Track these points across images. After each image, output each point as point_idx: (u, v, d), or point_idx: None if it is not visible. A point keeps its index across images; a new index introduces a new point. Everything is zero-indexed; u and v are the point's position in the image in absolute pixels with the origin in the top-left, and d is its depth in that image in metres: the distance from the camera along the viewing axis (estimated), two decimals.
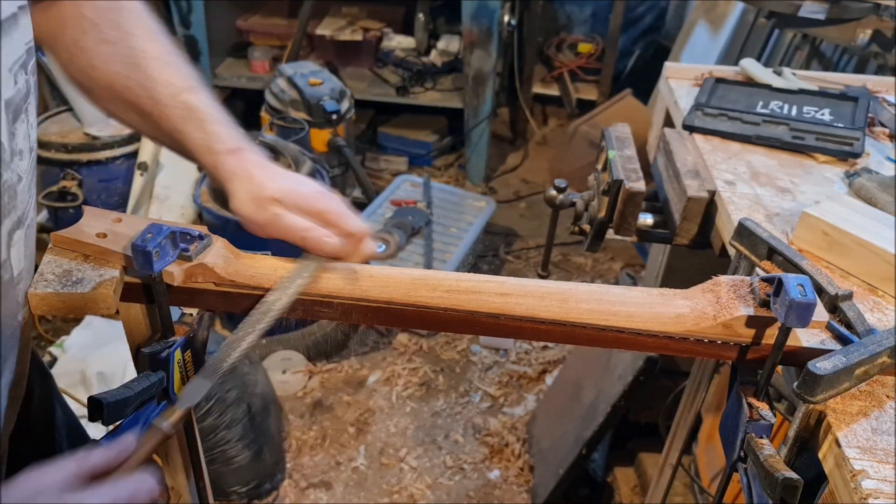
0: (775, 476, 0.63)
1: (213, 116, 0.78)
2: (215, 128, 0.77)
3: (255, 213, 0.74)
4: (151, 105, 0.78)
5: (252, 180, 0.75)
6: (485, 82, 3.18)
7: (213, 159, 0.77)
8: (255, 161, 0.77)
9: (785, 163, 1.19)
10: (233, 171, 0.76)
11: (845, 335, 0.72)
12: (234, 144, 0.77)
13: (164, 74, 0.78)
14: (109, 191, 2.51)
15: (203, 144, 0.77)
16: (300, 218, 0.73)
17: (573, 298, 0.71)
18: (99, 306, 0.67)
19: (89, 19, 0.77)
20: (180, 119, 0.78)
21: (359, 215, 0.75)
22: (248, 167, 0.76)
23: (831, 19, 2.11)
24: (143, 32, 0.80)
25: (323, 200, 0.74)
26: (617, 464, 2.03)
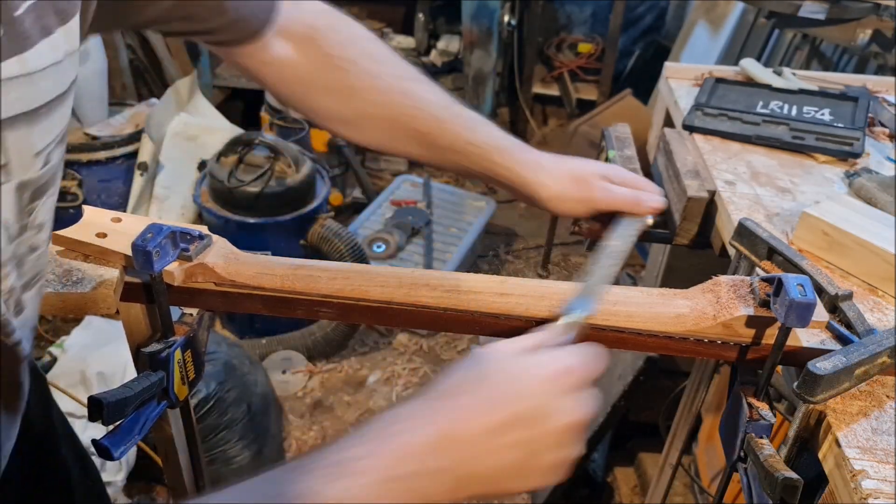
0: (775, 476, 0.62)
1: (484, 123, 0.84)
2: (492, 132, 0.84)
3: (580, 190, 0.84)
4: (432, 124, 0.82)
5: (560, 166, 0.84)
6: (485, 82, 3.18)
7: (502, 158, 0.83)
8: (539, 152, 0.85)
9: (785, 163, 1.19)
10: (536, 162, 0.84)
11: (845, 335, 0.72)
12: (513, 142, 0.84)
13: (423, 95, 0.82)
14: (109, 191, 2.51)
15: (485, 147, 0.82)
16: (622, 188, 0.85)
17: None
18: (99, 306, 0.67)
19: (346, 59, 0.80)
20: (465, 130, 0.82)
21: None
22: (541, 158, 0.84)
23: (831, 19, 2.11)
24: (390, 59, 0.84)
25: (622, 172, 0.89)
26: (617, 464, 2.03)
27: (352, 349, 2.52)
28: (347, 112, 0.82)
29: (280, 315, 0.73)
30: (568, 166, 0.85)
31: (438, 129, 0.81)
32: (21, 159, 0.49)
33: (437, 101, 0.82)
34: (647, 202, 0.87)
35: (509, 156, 0.84)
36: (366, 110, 0.81)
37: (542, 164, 0.84)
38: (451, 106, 0.83)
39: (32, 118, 0.48)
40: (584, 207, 0.86)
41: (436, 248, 2.68)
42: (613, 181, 0.86)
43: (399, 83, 0.82)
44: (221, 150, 2.33)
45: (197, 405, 1.79)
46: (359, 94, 0.81)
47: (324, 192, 2.42)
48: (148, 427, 0.70)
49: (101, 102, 2.54)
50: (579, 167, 0.85)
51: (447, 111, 0.82)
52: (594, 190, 0.85)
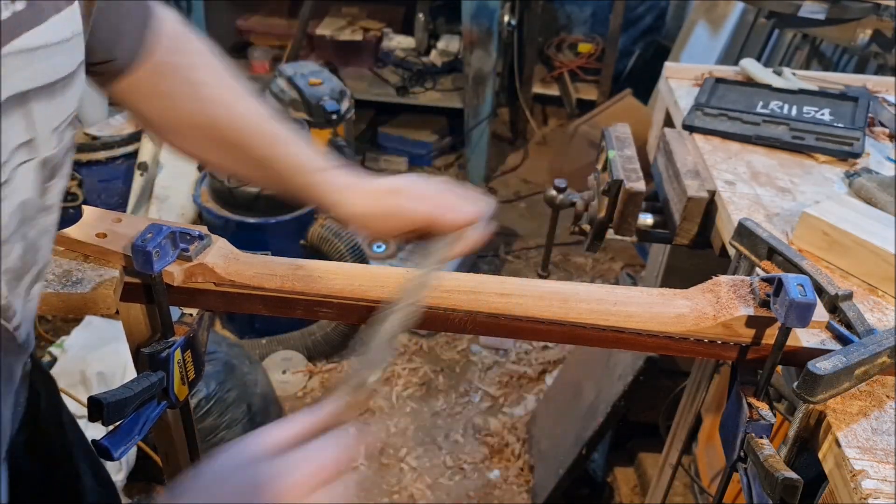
0: (775, 476, 0.63)
1: (301, 141, 0.81)
2: (306, 150, 0.80)
3: (375, 206, 0.78)
4: (237, 136, 0.79)
5: (362, 185, 0.79)
6: (485, 82, 3.18)
7: (313, 177, 0.79)
8: (356, 173, 0.81)
9: (785, 163, 1.19)
10: (338, 182, 0.79)
11: (845, 335, 0.72)
12: (329, 164, 0.80)
13: (244, 106, 0.79)
14: (109, 191, 2.51)
15: (297, 164, 0.79)
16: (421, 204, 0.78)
17: (573, 298, 0.71)
18: (99, 306, 0.67)
19: (167, 63, 0.77)
20: (268, 146, 0.79)
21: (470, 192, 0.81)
22: (352, 178, 0.79)
23: (831, 19, 2.11)
24: (214, 70, 0.81)
25: (433, 185, 0.80)
26: (617, 464, 2.03)
27: (352, 349, 2.52)
28: (170, 118, 0.80)
29: (280, 315, 0.73)
30: (368, 184, 0.80)
31: (252, 142, 0.79)
32: (44, 135, 0.51)
33: (256, 115, 0.80)
34: (444, 213, 0.76)
35: (316, 176, 0.80)
36: (184, 118, 0.79)
37: (347, 184, 0.80)
38: (272, 122, 0.80)
39: (51, 92, 0.50)
40: (387, 226, 0.79)
41: None
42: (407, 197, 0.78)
43: (221, 93, 0.80)
44: None
45: (197, 405, 1.79)
46: (179, 101, 0.79)
47: None
48: (148, 427, 0.70)
49: (101, 102, 2.54)
50: (378, 183, 0.80)
51: (265, 126, 0.80)
52: (387, 205, 0.78)
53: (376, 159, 3.53)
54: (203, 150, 0.81)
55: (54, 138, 0.52)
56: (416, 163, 3.57)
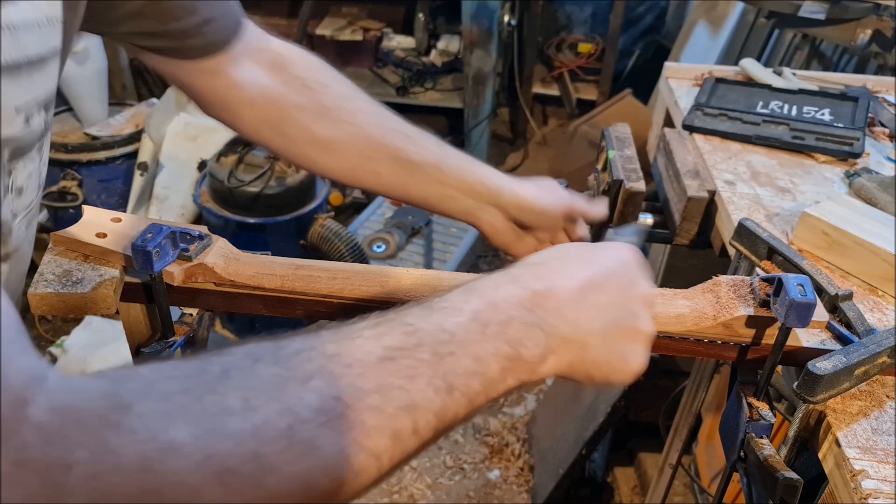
0: (775, 476, 0.63)
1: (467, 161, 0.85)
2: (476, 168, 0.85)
3: (539, 188, 0.89)
4: (408, 142, 0.82)
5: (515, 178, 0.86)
6: (485, 82, 3.18)
7: (486, 173, 0.85)
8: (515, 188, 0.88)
9: (785, 163, 1.19)
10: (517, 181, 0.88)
11: (845, 335, 0.72)
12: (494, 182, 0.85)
13: (400, 119, 0.83)
14: (109, 191, 2.51)
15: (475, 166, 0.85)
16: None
17: None
18: (99, 306, 0.67)
19: (318, 81, 0.80)
20: (437, 147, 0.83)
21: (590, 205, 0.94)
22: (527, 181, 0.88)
23: (831, 19, 2.11)
24: (357, 88, 0.83)
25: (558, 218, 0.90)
26: (617, 464, 2.04)
27: None
28: (321, 132, 0.80)
29: (280, 315, 0.73)
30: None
31: (413, 146, 0.81)
32: (7, 112, 0.50)
33: (406, 125, 0.83)
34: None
35: (489, 172, 0.86)
36: (340, 129, 0.80)
37: (506, 177, 0.87)
38: (421, 131, 0.84)
39: (14, 72, 0.50)
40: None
41: (436, 248, 2.68)
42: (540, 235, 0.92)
43: (370, 106, 0.82)
44: (221, 150, 2.33)
45: None
46: (332, 113, 0.80)
47: (324, 192, 2.42)
48: None
49: (101, 102, 2.54)
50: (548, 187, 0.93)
51: (418, 133, 0.83)
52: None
53: None
54: (362, 162, 0.82)
55: (19, 118, 0.52)
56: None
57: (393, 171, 0.82)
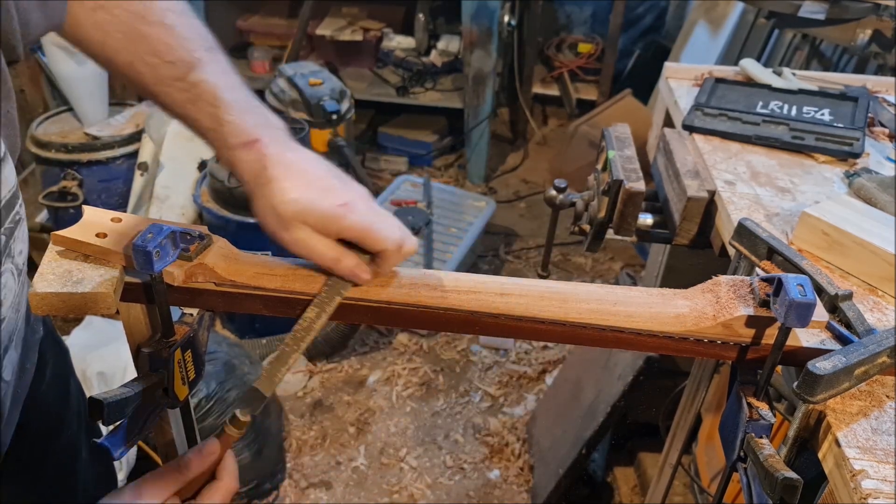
0: (775, 476, 0.62)
1: (222, 99, 0.67)
2: (225, 115, 0.67)
3: (278, 230, 0.66)
4: (153, 83, 0.69)
5: (271, 187, 0.65)
6: (485, 82, 3.18)
7: (227, 155, 0.68)
8: (274, 157, 0.66)
9: (785, 163, 1.19)
10: (249, 172, 0.66)
11: (845, 335, 0.72)
12: (247, 136, 0.66)
13: (164, 46, 0.68)
14: (109, 191, 2.51)
15: (214, 137, 0.68)
16: (328, 245, 0.65)
17: (573, 298, 0.71)
18: (99, 306, 0.67)
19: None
20: (189, 104, 0.68)
21: (388, 216, 0.67)
22: (264, 169, 0.65)
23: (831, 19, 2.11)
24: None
25: (347, 218, 0.64)
26: (617, 464, 2.04)
27: (352, 349, 2.52)
28: (73, 38, 0.71)
29: (280, 315, 0.73)
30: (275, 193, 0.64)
31: (165, 97, 0.69)
32: None
33: (173, 62, 0.68)
34: (344, 271, 0.66)
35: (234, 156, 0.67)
36: (84, 41, 0.70)
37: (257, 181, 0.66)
38: (189, 72, 0.67)
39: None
40: (291, 251, 0.68)
41: (436, 248, 2.68)
42: (322, 230, 0.65)
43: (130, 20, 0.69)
44: None
45: (197, 405, 1.79)
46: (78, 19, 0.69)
47: None
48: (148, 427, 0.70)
49: (101, 102, 2.54)
50: (284, 201, 0.64)
51: (179, 80, 0.68)
52: (287, 236, 0.66)
53: (376, 159, 3.53)
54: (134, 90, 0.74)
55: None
56: (416, 163, 3.57)
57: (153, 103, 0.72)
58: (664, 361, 1.72)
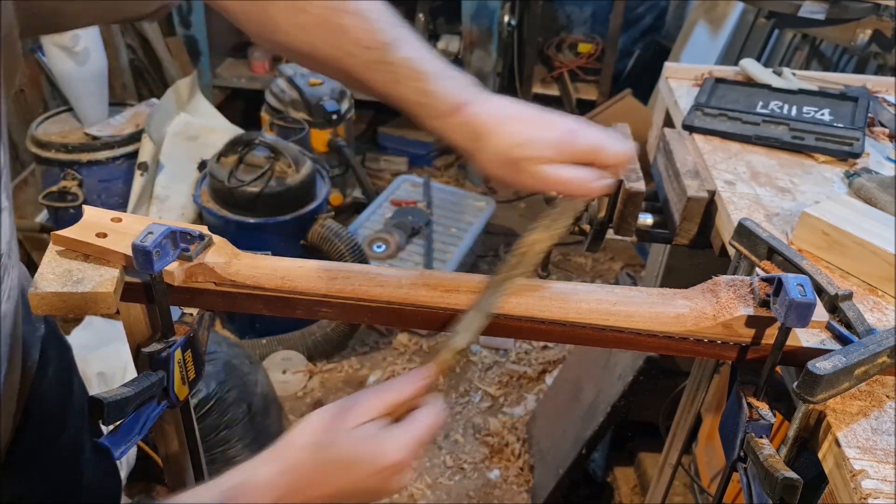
0: (775, 476, 0.63)
1: (423, 72, 0.70)
2: (429, 86, 0.69)
3: (511, 176, 0.70)
4: (359, 71, 0.71)
5: (494, 139, 0.69)
6: (485, 82, 3.18)
7: (437, 124, 0.71)
8: (484, 113, 0.70)
9: (785, 163, 1.19)
10: (463, 133, 0.70)
11: (845, 335, 0.72)
12: (454, 101, 0.70)
13: (362, 33, 0.70)
14: (109, 191, 2.51)
15: (421, 110, 0.71)
16: (560, 169, 0.68)
17: (573, 298, 0.71)
18: (99, 306, 0.67)
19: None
20: (392, 84, 0.71)
21: (610, 131, 0.71)
22: (481, 125, 0.69)
23: (831, 19, 2.11)
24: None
25: (577, 142, 0.68)
26: (617, 464, 2.03)
27: (352, 349, 2.52)
28: (275, 43, 0.74)
29: (280, 315, 0.73)
30: (496, 143, 0.69)
31: (368, 80, 0.71)
32: None
33: (369, 47, 0.70)
34: (581, 189, 0.70)
35: (444, 124, 0.70)
36: (290, 44, 0.73)
37: (475, 137, 0.70)
38: (386, 54, 0.70)
39: None
40: (524, 190, 0.74)
41: (436, 248, 2.68)
42: (541, 161, 0.68)
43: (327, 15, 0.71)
44: (221, 150, 2.33)
45: (197, 405, 1.79)
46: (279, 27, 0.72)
47: (324, 192, 2.42)
48: (148, 427, 0.70)
49: (101, 102, 2.54)
50: (509, 145, 0.69)
51: (378, 63, 0.70)
52: (524, 177, 0.70)
53: (376, 159, 3.53)
54: (328, 74, 0.75)
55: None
56: (416, 163, 3.57)
57: (351, 85, 0.75)
58: (664, 361, 1.72)
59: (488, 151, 0.69)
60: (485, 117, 0.69)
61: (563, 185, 0.69)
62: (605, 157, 0.69)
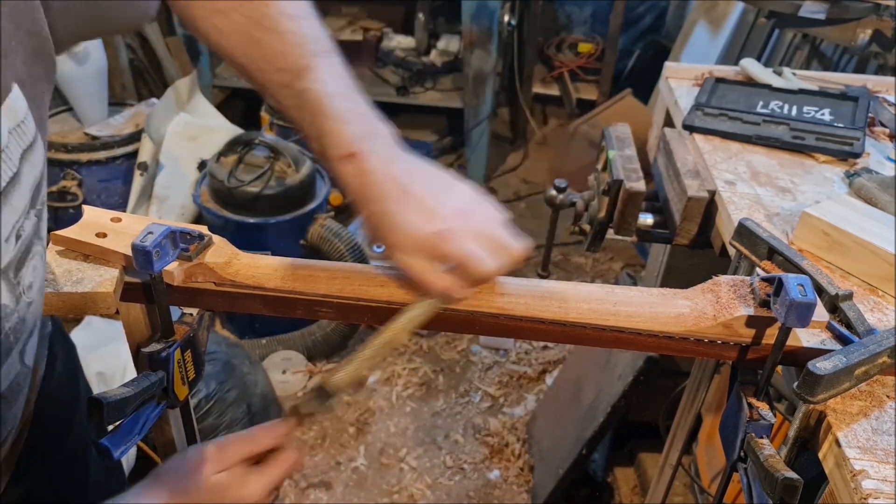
0: (775, 476, 0.62)
1: (325, 108, 0.66)
2: (326, 125, 0.66)
3: (381, 244, 0.67)
4: (269, 91, 0.70)
5: (371, 209, 0.65)
6: (485, 82, 3.18)
7: (329, 166, 0.67)
8: (374, 174, 0.65)
9: (785, 163, 1.19)
10: (350, 186, 0.66)
11: (845, 335, 0.72)
12: (347, 148, 0.65)
13: (275, 53, 0.68)
14: (109, 191, 2.51)
15: (316, 146, 0.68)
16: (421, 264, 0.65)
17: (573, 298, 0.71)
18: (99, 306, 0.67)
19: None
20: (295, 111, 0.68)
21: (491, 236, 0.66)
22: (365, 187, 0.65)
23: (831, 19, 2.11)
24: (263, 2, 0.68)
25: (440, 244, 0.64)
26: (617, 464, 2.03)
27: (352, 349, 2.52)
28: (199, 37, 0.72)
29: (280, 315, 0.73)
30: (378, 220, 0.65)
31: (277, 103, 0.70)
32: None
33: (282, 69, 0.68)
34: (442, 291, 0.66)
35: (335, 167, 0.66)
36: (209, 41, 0.71)
37: (357, 197, 0.67)
38: (295, 80, 0.67)
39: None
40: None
41: None
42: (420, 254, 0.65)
43: (247, 27, 0.69)
44: (221, 150, 2.33)
45: (197, 405, 1.79)
46: (199, 24, 0.70)
47: (324, 192, 2.42)
48: (148, 427, 0.70)
49: (101, 102, 2.54)
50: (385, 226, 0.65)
51: (288, 87, 0.67)
52: (388, 253, 0.67)
53: None
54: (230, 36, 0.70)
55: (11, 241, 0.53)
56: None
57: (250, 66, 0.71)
58: (664, 361, 1.72)
59: (366, 218, 0.67)
60: (373, 180, 0.65)
61: (417, 280, 0.66)
62: (470, 272, 0.65)
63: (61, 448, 0.86)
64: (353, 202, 0.68)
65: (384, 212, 0.65)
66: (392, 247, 0.66)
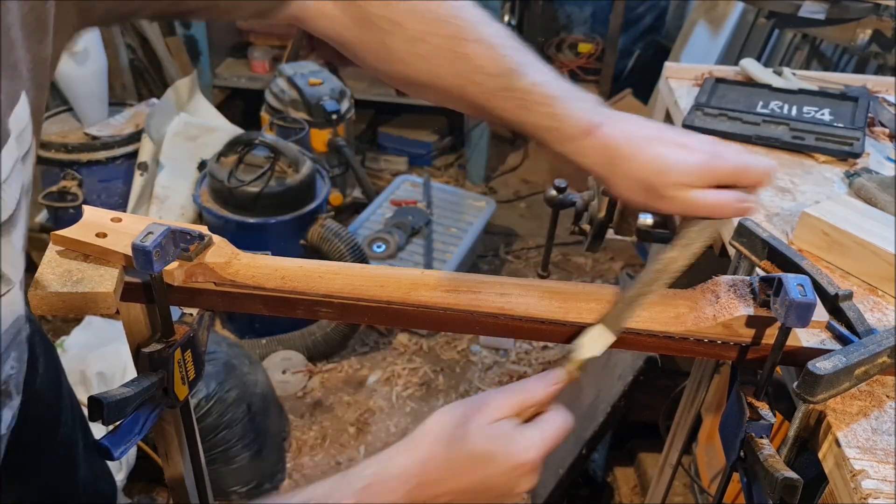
0: (775, 476, 0.62)
1: (551, 96, 0.68)
2: (557, 110, 0.67)
3: (651, 201, 0.68)
4: (484, 99, 0.70)
5: (632, 164, 0.67)
6: None
7: (569, 147, 0.69)
8: (618, 136, 0.67)
9: (785, 163, 1.19)
10: (597, 157, 0.68)
11: (845, 335, 0.72)
12: (584, 124, 0.67)
13: (486, 61, 0.69)
14: (109, 191, 2.51)
15: (552, 135, 0.69)
16: (705, 193, 0.67)
17: (573, 298, 0.71)
18: (99, 306, 0.67)
19: (387, 19, 0.69)
20: (521, 110, 0.69)
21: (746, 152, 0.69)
22: (616, 148, 0.67)
23: (831, 19, 2.11)
24: (441, 17, 0.69)
25: (715, 164, 0.66)
26: (617, 464, 2.03)
27: (352, 349, 2.52)
28: (393, 74, 0.73)
29: (280, 315, 0.73)
30: (634, 167, 0.67)
31: (494, 107, 0.70)
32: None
33: (494, 74, 0.69)
34: (735, 208, 0.69)
35: (576, 148, 0.68)
36: (410, 75, 0.72)
37: (609, 162, 0.68)
38: (512, 80, 0.68)
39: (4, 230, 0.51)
40: (657, 212, 0.75)
41: (436, 248, 2.68)
42: (698, 184, 0.67)
43: (449, 45, 0.69)
44: (221, 150, 2.33)
45: (197, 405, 1.79)
46: (398, 57, 0.71)
47: (324, 192, 2.42)
48: (148, 427, 0.70)
49: (101, 102, 2.54)
50: (656, 172, 0.67)
51: (505, 90, 0.68)
52: (665, 202, 0.68)
53: (376, 159, 3.53)
54: (448, 104, 0.73)
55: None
56: (416, 163, 3.57)
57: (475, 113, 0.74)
58: (664, 361, 1.72)
59: (625, 176, 0.68)
60: (619, 140, 0.67)
61: (708, 209, 0.68)
62: (748, 177, 0.68)
63: (49, 446, 0.86)
64: (601, 173, 0.69)
65: (649, 158, 0.66)
66: (668, 188, 0.66)
